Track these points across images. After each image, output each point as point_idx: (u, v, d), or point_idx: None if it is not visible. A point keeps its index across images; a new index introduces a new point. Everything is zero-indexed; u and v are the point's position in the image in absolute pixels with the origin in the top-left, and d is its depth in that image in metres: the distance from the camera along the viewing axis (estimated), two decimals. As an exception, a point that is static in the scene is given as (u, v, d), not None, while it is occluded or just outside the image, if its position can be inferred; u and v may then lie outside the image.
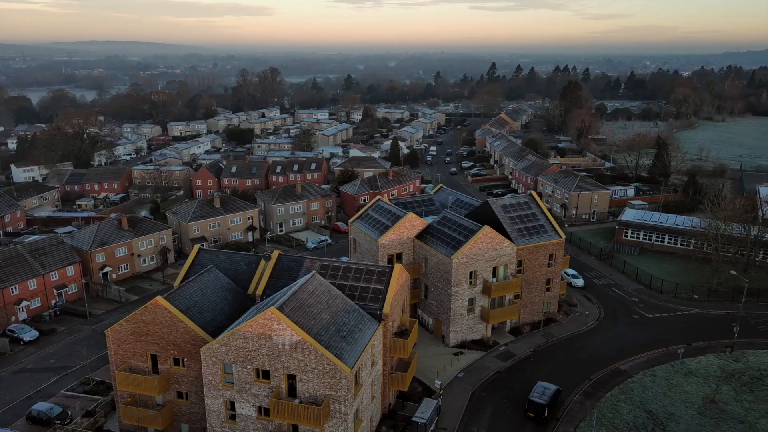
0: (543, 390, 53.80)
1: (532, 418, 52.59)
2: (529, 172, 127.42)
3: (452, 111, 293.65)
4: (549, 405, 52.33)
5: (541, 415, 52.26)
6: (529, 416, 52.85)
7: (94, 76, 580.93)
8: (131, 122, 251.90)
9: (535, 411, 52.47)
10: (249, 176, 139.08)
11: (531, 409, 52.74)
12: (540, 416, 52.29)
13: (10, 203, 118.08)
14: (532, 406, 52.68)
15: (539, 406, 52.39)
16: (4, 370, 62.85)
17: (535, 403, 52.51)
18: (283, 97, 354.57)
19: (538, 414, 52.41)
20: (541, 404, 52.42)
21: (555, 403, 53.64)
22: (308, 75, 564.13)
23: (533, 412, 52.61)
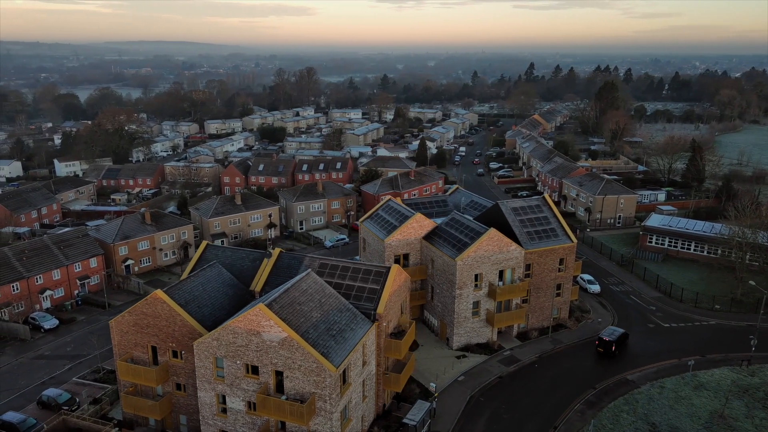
0: (612, 331, 63.64)
1: (601, 353, 62.24)
2: (555, 175, 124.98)
3: (486, 111, 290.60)
4: (616, 343, 61.72)
5: (608, 350, 61.77)
6: (598, 351, 62.49)
7: (141, 75, 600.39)
8: (171, 120, 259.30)
9: (604, 347, 62.10)
10: (275, 174, 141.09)
11: (600, 345, 62.36)
12: (608, 352, 61.82)
13: (47, 196, 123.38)
14: (602, 343, 62.24)
15: (607, 343, 61.98)
16: (23, 356, 65.75)
17: (604, 341, 62.09)
18: (320, 96, 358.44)
19: (606, 350, 61.99)
20: (609, 341, 61.95)
21: (622, 343, 63.09)
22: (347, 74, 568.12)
23: (602, 348, 62.25)
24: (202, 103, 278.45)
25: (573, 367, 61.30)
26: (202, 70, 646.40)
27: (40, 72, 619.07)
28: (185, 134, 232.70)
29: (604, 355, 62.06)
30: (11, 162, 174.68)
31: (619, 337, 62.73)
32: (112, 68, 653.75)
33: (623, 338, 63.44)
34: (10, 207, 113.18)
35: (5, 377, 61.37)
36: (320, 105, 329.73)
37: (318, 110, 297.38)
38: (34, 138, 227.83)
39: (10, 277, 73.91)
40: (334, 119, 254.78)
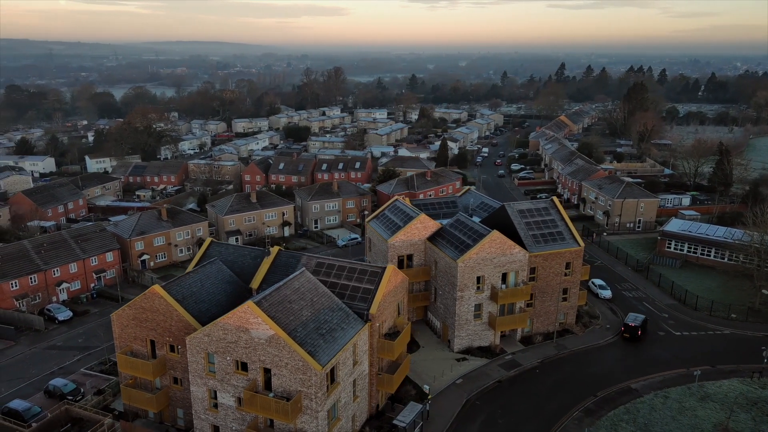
0: (635, 317, 67.61)
1: (627, 339, 66.00)
2: (574, 177, 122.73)
3: (513, 112, 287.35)
4: (641, 327, 65.82)
5: (635, 335, 65.64)
6: (625, 337, 66.23)
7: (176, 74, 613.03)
8: (200, 119, 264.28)
9: (630, 332, 65.82)
10: (296, 173, 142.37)
11: (627, 331, 66.05)
12: (634, 336, 65.68)
13: (73, 192, 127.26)
14: (628, 328, 66.00)
15: (633, 328, 65.77)
16: (36, 346, 67.93)
17: (630, 326, 65.90)
18: (348, 96, 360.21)
19: (632, 335, 65.78)
20: (635, 326, 65.76)
21: (644, 328, 67.22)
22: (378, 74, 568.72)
23: (629, 334, 65.93)
24: (230, 102, 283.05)
25: (575, 373, 60.13)
26: (235, 70, 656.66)
27: (80, 71, 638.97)
28: (213, 133, 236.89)
29: (631, 340, 66.13)
30: (45, 158, 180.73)
31: (642, 321, 67.07)
32: (148, 68, 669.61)
33: (645, 323, 67.89)
34: (37, 201, 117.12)
35: (18, 366, 63.50)
36: (347, 105, 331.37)
37: (345, 110, 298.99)
38: (69, 135, 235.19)
39: (28, 269, 76.48)
40: (359, 119, 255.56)
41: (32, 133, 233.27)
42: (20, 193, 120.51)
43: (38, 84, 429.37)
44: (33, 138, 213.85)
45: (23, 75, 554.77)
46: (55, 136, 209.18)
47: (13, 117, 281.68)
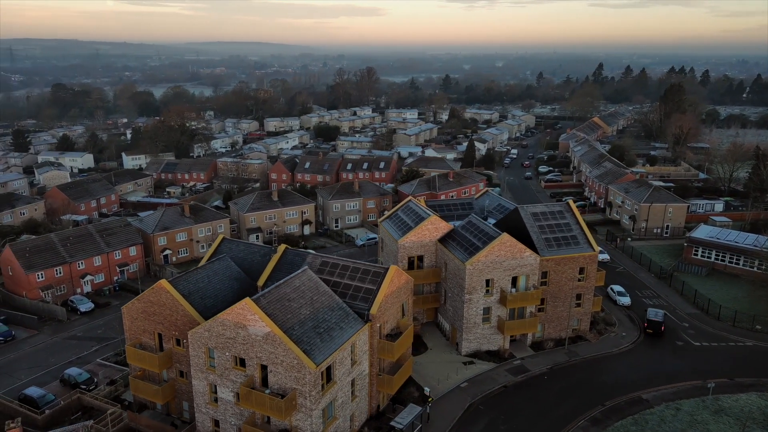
0: (655, 312, 68.35)
1: (650, 334, 66.76)
2: (602, 180, 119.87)
3: (547, 113, 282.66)
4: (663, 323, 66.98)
5: (658, 330, 66.50)
6: (648, 333, 66.94)
7: (215, 74, 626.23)
8: (235, 118, 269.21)
9: (653, 327, 66.62)
10: (321, 172, 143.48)
11: (650, 326, 66.76)
12: (657, 331, 66.49)
13: (106, 187, 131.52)
14: (651, 324, 66.76)
15: (656, 324, 66.68)
16: (57, 335, 70.40)
17: (653, 321, 66.75)
18: (380, 96, 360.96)
19: (656, 330, 66.60)
20: (658, 321, 66.81)
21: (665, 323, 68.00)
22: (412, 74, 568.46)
23: (652, 329, 66.68)
24: (264, 101, 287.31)
25: (585, 381, 58.74)
26: (272, 70, 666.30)
27: (124, 71, 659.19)
28: (245, 131, 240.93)
29: (654, 335, 66.82)
30: (84, 154, 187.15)
31: (663, 316, 68.20)
32: (189, 68, 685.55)
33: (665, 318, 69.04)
34: (71, 196, 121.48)
35: (39, 354, 65.95)
36: (379, 105, 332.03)
37: (377, 110, 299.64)
38: (109, 132, 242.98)
39: (54, 261, 79.39)
40: (389, 119, 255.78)
41: (74, 130, 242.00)
42: (55, 187, 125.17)
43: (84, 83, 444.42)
44: (74, 135, 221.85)
45: (71, 74, 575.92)
46: (95, 133, 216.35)
47: (58, 114, 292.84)
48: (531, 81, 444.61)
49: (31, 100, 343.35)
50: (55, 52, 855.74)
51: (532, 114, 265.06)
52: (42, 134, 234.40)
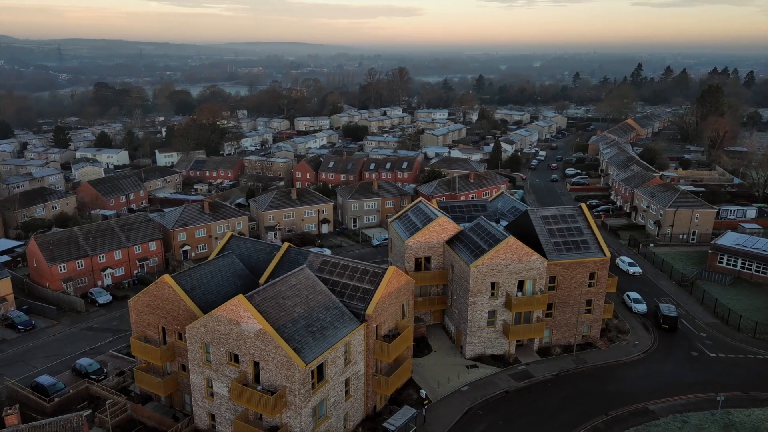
0: (669, 308, 69.56)
1: (666, 329, 67.75)
2: (628, 184, 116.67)
3: (580, 115, 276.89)
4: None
5: (674, 325, 67.80)
6: (664, 328, 67.88)
7: (253, 73, 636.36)
8: (267, 116, 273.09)
9: (669, 323, 67.80)
10: (344, 172, 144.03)
11: (666, 321, 67.81)
12: (673, 326, 67.79)
13: (135, 183, 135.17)
14: (667, 319, 67.85)
15: (672, 319, 67.94)
16: (75, 326, 72.73)
17: (669, 317, 67.89)
18: (413, 96, 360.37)
19: (671, 325, 67.82)
20: (673, 317, 68.11)
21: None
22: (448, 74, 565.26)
23: (668, 324, 67.79)
24: (296, 100, 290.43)
25: (591, 389, 57.31)
26: (307, 70, 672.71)
27: (165, 70, 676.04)
28: (276, 130, 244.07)
29: (670, 330, 67.78)
30: (119, 151, 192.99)
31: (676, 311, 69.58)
32: (227, 67, 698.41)
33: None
34: (101, 191, 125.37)
35: (55, 344, 68.27)
36: (411, 105, 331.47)
37: (408, 110, 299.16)
38: (145, 130, 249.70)
39: (76, 254, 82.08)
40: (418, 119, 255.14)
41: (113, 127, 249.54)
42: (86, 182, 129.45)
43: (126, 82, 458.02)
44: (112, 132, 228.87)
45: (114, 73, 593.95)
46: (132, 130, 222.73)
47: (99, 112, 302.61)
48: (568, 82, 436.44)
49: (75, 98, 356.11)
50: (102, 52, 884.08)
51: (565, 115, 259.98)
52: (83, 131, 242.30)
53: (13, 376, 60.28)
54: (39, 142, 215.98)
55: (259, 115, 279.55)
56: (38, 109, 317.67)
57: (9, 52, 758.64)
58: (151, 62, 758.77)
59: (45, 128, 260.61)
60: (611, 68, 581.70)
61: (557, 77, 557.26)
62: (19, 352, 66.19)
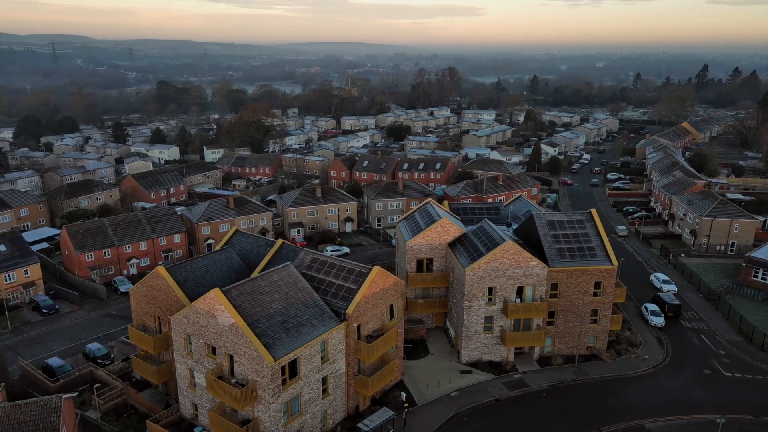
0: (669, 296, 73.16)
1: (671, 317, 70.40)
2: (668, 190, 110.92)
3: (636, 117, 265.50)
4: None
5: (678, 312, 70.76)
6: (668, 315, 70.40)
7: (310, 73, 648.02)
8: (312, 115, 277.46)
9: (673, 310, 70.74)
10: (378, 171, 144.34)
11: (670, 310, 70.65)
12: (678, 314, 70.70)
13: (176, 178, 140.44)
14: (672, 307, 70.80)
15: (676, 306, 71.09)
16: (95, 312, 76.39)
17: (673, 305, 71.02)
18: (464, 97, 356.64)
19: (676, 313, 70.76)
20: (677, 304, 71.28)
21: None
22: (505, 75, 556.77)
23: (672, 312, 70.61)
24: (345, 100, 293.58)
25: (587, 402, 54.93)
26: (363, 69, 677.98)
27: (228, 70, 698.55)
28: (322, 129, 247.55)
29: (672, 318, 70.39)
30: (170, 147, 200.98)
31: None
32: (286, 67, 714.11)
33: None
34: (143, 185, 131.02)
35: (73, 328, 71.92)
36: (461, 105, 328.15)
37: (458, 110, 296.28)
38: (199, 127, 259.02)
39: (103, 243, 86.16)
40: (464, 120, 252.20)
41: (170, 124, 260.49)
42: (130, 176, 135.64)
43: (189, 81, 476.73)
44: (168, 128, 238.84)
45: (180, 72, 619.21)
46: (185, 127, 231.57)
47: (159, 109, 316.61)
48: (629, 83, 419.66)
49: (140, 96, 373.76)
50: (170, 52, 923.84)
51: (620, 118, 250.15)
52: (141, 127, 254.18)
53: (29, 356, 64.01)
54: (100, 137, 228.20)
55: (309, 114, 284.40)
56: (105, 105, 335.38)
57: (86, 52, 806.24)
58: (215, 62, 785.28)
59: (108, 124, 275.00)
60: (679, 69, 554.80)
61: (620, 78, 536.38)
62: (41, 334, 70.18)
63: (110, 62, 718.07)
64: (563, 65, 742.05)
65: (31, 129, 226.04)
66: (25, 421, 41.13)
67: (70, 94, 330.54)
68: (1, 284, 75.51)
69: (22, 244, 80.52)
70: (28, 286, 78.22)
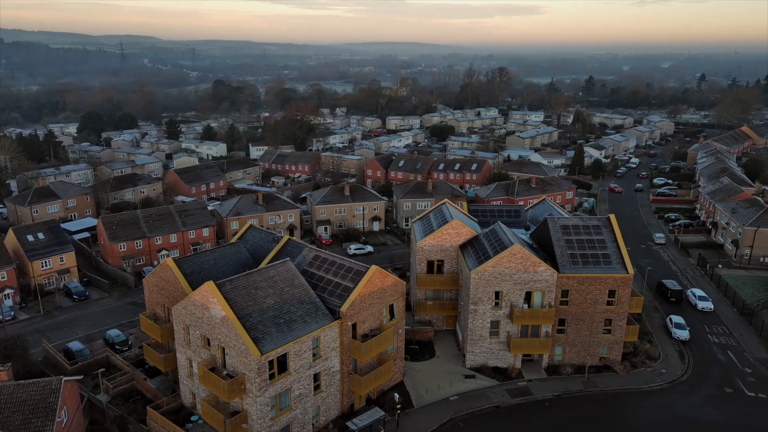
0: (673, 283, 76.85)
1: (673, 302, 74.12)
2: (713, 197, 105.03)
3: (696, 120, 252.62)
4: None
5: (680, 298, 74.26)
6: (671, 301, 74.24)
7: (363, 72, 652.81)
8: (360, 114, 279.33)
9: (676, 296, 74.30)
10: (413, 171, 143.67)
11: (673, 295, 74.41)
12: (680, 299, 74.15)
13: (217, 173, 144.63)
14: (674, 293, 74.53)
15: (678, 292, 74.67)
16: (122, 300, 79.71)
17: (676, 290, 74.84)
18: (515, 97, 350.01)
19: (678, 299, 74.21)
20: (679, 290, 75.03)
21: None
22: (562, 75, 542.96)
23: (674, 297, 74.25)
24: (390, 99, 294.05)
25: (591, 415, 52.82)
26: (417, 69, 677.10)
27: (284, 69, 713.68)
28: (367, 128, 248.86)
29: (675, 303, 74.05)
30: (218, 144, 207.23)
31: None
32: (340, 67, 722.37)
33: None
34: (185, 180, 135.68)
35: (100, 315, 75.32)
36: (511, 106, 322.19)
37: (507, 111, 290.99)
38: (249, 125, 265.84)
39: (136, 234, 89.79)
40: (510, 121, 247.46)
41: (222, 122, 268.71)
42: (173, 170, 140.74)
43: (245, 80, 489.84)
44: (219, 126, 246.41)
45: (239, 72, 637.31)
46: (234, 125, 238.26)
47: (213, 107, 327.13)
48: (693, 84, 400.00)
49: (197, 94, 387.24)
50: (231, 52, 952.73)
51: (677, 120, 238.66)
52: (195, 124, 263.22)
53: (54, 340, 67.54)
54: (155, 133, 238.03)
55: (357, 113, 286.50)
56: (165, 103, 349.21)
57: (153, 52, 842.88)
58: (272, 62, 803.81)
59: (165, 121, 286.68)
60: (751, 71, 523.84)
61: (686, 79, 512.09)
62: (69, 319, 73.91)
63: (174, 62, 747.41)
64: (626, 65, 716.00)
65: (94, 124, 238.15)
66: (26, 400, 43.36)
67: (132, 92, 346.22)
68: (38, 270, 80.00)
69: (60, 232, 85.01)
70: (63, 272, 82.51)
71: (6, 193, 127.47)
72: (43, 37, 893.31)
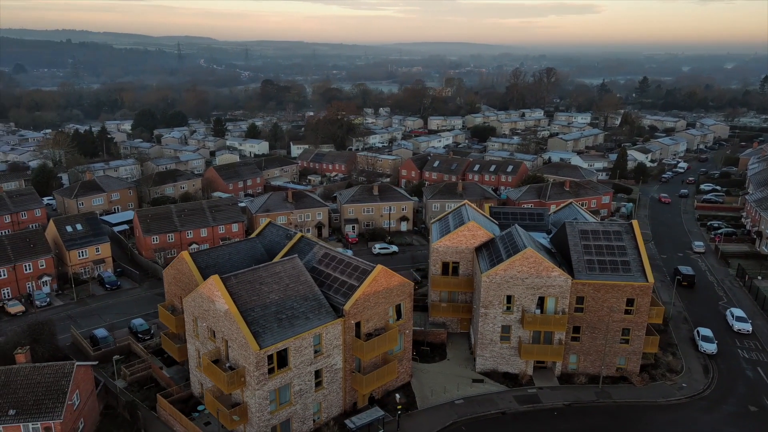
0: (686, 269, 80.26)
1: (685, 286, 77.72)
2: (759, 205, 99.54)
3: (757, 124, 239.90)
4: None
5: (692, 282, 78.07)
6: (683, 285, 77.40)
7: (411, 73, 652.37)
8: (403, 114, 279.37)
9: (688, 281, 78.02)
10: (448, 172, 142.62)
11: (685, 279, 77.72)
12: (691, 283, 77.99)
13: (254, 171, 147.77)
14: (687, 277, 78.02)
15: (690, 277, 78.51)
16: (151, 290, 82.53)
17: (688, 275, 78.45)
18: (564, 98, 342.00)
19: (690, 283, 78.02)
20: (691, 275, 78.82)
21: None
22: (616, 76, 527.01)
23: (686, 282, 77.80)
24: (434, 99, 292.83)
25: (601, 427, 51.11)
26: (465, 69, 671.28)
27: (333, 69, 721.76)
28: (408, 128, 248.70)
29: (688, 287, 77.63)
30: (260, 142, 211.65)
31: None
32: (388, 67, 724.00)
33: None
34: (223, 176, 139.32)
35: (129, 304, 78.30)
36: (558, 107, 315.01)
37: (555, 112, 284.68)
38: (293, 123, 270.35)
39: (168, 228, 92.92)
40: (555, 122, 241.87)
41: (267, 120, 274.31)
42: (212, 167, 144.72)
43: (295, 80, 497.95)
44: (264, 124, 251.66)
45: (289, 72, 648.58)
46: (277, 124, 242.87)
47: (260, 106, 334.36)
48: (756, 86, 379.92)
49: (247, 93, 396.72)
50: (283, 53, 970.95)
51: (734, 124, 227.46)
52: (241, 123, 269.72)
53: (84, 326, 70.71)
54: (203, 131, 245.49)
55: (401, 113, 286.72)
56: (215, 102, 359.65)
57: (208, 52, 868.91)
58: (322, 62, 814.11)
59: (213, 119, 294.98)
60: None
61: (751, 80, 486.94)
62: (100, 307, 77.22)
63: (228, 62, 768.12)
64: (685, 66, 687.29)
65: (147, 122, 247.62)
66: (40, 383, 45.70)
67: (185, 91, 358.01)
68: (74, 259, 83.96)
69: (97, 224, 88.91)
70: (99, 262, 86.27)
71: (58, 185, 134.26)
72: (108, 38, 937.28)
